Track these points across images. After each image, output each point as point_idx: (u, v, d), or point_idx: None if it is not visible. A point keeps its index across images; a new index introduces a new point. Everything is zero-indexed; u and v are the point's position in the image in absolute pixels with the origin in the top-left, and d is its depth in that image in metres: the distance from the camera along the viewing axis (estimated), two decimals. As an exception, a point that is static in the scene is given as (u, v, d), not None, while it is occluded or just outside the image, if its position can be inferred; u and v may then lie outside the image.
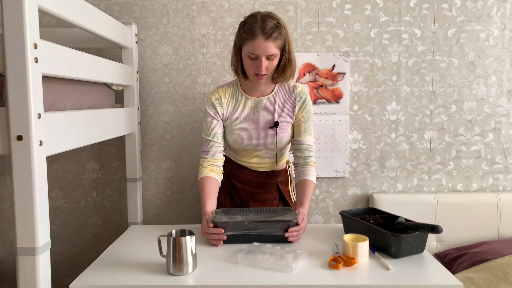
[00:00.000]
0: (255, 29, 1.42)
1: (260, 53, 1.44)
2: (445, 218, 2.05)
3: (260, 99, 1.60)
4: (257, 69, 1.47)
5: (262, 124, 1.60)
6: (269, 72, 1.49)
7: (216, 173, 1.60)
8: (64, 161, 2.15)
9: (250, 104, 1.60)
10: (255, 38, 1.42)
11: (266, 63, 1.46)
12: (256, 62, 1.46)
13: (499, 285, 1.59)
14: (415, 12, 2.07)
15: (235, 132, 1.60)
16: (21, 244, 1.08)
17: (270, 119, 1.59)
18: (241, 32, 1.47)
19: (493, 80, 2.11)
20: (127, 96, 1.94)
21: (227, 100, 1.60)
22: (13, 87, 1.04)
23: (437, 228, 1.23)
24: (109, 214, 2.18)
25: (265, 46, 1.43)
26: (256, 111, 1.60)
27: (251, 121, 1.60)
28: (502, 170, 2.15)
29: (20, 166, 1.06)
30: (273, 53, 1.45)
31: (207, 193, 1.54)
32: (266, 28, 1.41)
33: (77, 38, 1.89)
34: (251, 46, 1.43)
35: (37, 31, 1.07)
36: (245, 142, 1.61)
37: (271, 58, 1.46)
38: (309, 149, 1.64)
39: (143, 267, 1.24)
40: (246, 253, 1.27)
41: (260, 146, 1.62)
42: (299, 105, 1.60)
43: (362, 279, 1.16)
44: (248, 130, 1.60)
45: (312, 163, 1.64)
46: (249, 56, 1.46)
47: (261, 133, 1.60)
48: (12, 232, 2.17)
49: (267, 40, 1.42)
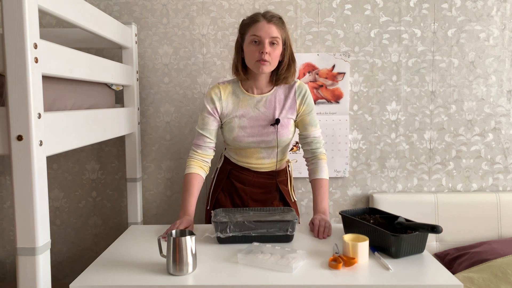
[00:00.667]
0: (257, 15, 1.52)
1: (263, 34, 1.48)
2: (445, 218, 2.05)
3: (260, 96, 1.61)
4: (261, 53, 1.49)
5: (262, 122, 1.60)
6: (272, 60, 1.51)
7: (204, 170, 1.62)
8: (64, 161, 2.15)
9: (250, 102, 1.60)
10: (258, 22, 1.50)
11: (269, 48, 1.49)
12: (259, 46, 1.50)
13: (499, 285, 1.59)
14: (415, 12, 2.07)
15: (234, 130, 1.60)
16: (21, 244, 1.08)
17: (271, 116, 1.60)
18: (243, 24, 1.55)
19: (493, 80, 2.11)
20: (127, 96, 1.94)
21: (227, 97, 1.61)
22: (13, 87, 1.04)
23: (437, 228, 1.23)
24: (109, 214, 2.18)
25: (268, 27, 1.49)
26: (257, 108, 1.60)
27: (251, 118, 1.60)
28: (502, 170, 2.15)
29: (20, 166, 1.06)
30: (276, 35, 1.49)
31: (191, 192, 1.56)
32: (267, 14, 1.51)
33: (77, 38, 1.89)
34: (254, 29, 1.50)
35: (37, 31, 1.07)
36: (244, 139, 1.60)
37: (274, 42, 1.50)
38: (316, 141, 1.64)
39: (143, 267, 1.24)
40: (246, 253, 1.27)
41: (261, 144, 1.62)
42: (300, 99, 1.62)
43: (362, 279, 1.16)
44: (248, 128, 1.60)
45: (322, 155, 1.64)
46: (253, 41, 1.50)
47: (262, 130, 1.60)
48: (12, 232, 2.17)
49: (269, 23, 1.49)
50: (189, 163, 1.62)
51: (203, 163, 1.62)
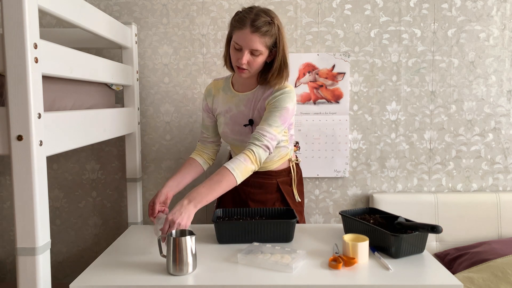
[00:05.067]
0: (245, 20, 1.41)
1: (243, 44, 1.41)
2: (445, 218, 2.05)
3: (244, 94, 1.58)
4: (238, 61, 1.45)
5: (241, 120, 1.58)
6: (252, 68, 1.46)
7: (201, 157, 1.70)
8: (64, 161, 2.15)
9: (233, 99, 1.60)
10: (242, 29, 1.40)
11: (248, 57, 1.43)
12: (239, 53, 1.44)
13: (499, 285, 1.59)
14: (415, 12, 2.07)
15: (221, 126, 1.65)
16: (21, 244, 1.08)
17: (249, 116, 1.57)
18: (232, 20, 1.47)
19: (493, 80, 2.11)
20: (127, 96, 1.94)
21: (217, 92, 1.64)
22: (13, 87, 1.04)
23: (437, 228, 1.23)
24: (109, 214, 2.18)
25: (249, 38, 1.40)
26: (238, 106, 1.59)
27: (232, 116, 1.59)
28: (502, 170, 2.15)
29: (20, 166, 1.06)
30: (257, 48, 1.41)
31: (180, 170, 1.63)
32: (256, 21, 1.39)
33: (77, 38, 1.89)
34: (237, 36, 1.43)
35: (37, 31, 1.07)
36: (228, 136, 1.64)
37: (255, 54, 1.43)
38: (256, 136, 1.42)
39: (143, 267, 1.24)
40: (246, 253, 1.27)
41: (242, 143, 1.58)
42: (270, 98, 1.50)
43: (362, 279, 1.16)
44: (230, 125, 1.60)
45: (249, 150, 1.39)
46: (234, 46, 1.45)
47: (241, 129, 1.58)
48: (12, 232, 2.17)
49: (253, 33, 1.39)
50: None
51: (203, 153, 1.71)
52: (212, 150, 1.75)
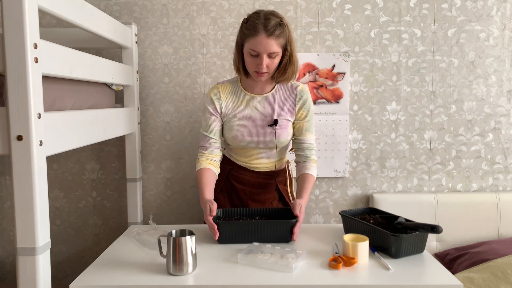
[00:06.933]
0: (257, 25, 1.43)
1: (261, 50, 1.44)
2: (445, 218, 2.05)
3: (260, 97, 1.60)
4: (258, 66, 1.47)
5: (261, 122, 1.59)
6: (270, 70, 1.50)
7: (214, 166, 1.61)
8: (64, 161, 2.15)
9: (250, 102, 1.60)
10: (257, 35, 1.42)
11: (267, 60, 1.46)
12: (257, 59, 1.47)
13: (499, 285, 1.59)
14: (415, 12, 2.07)
15: (233, 129, 1.60)
16: (21, 244, 1.08)
17: (269, 117, 1.59)
18: (243, 29, 1.48)
19: (493, 80, 2.11)
20: (127, 96, 1.94)
21: (226, 96, 1.61)
22: (13, 87, 1.04)
23: (437, 228, 1.23)
24: (109, 214, 2.18)
25: (266, 43, 1.43)
26: (256, 108, 1.60)
27: (250, 118, 1.59)
28: (502, 170, 2.15)
29: (20, 166, 1.06)
30: (274, 51, 1.45)
31: (205, 182, 1.55)
32: (268, 25, 1.42)
33: (77, 38, 1.89)
34: (253, 43, 1.44)
35: (37, 31, 1.07)
36: (243, 139, 1.60)
37: (273, 56, 1.46)
38: (310, 148, 1.65)
39: (143, 267, 1.24)
40: (246, 253, 1.27)
41: (259, 144, 1.61)
42: (300, 104, 1.60)
43: (362, 279, 1.16)
44: (247, 127, 1.59)
45: (314, 161, 1.65)
46: (250, 53, 1.46)
47: (260, 130, 1.59)
48: (12, 232, 2.17)
49: (269, 37, 1.42)
50: (198, 162, 1.62)
51: (212, 161, 1.62)
52: (219, 157, 1.67)
